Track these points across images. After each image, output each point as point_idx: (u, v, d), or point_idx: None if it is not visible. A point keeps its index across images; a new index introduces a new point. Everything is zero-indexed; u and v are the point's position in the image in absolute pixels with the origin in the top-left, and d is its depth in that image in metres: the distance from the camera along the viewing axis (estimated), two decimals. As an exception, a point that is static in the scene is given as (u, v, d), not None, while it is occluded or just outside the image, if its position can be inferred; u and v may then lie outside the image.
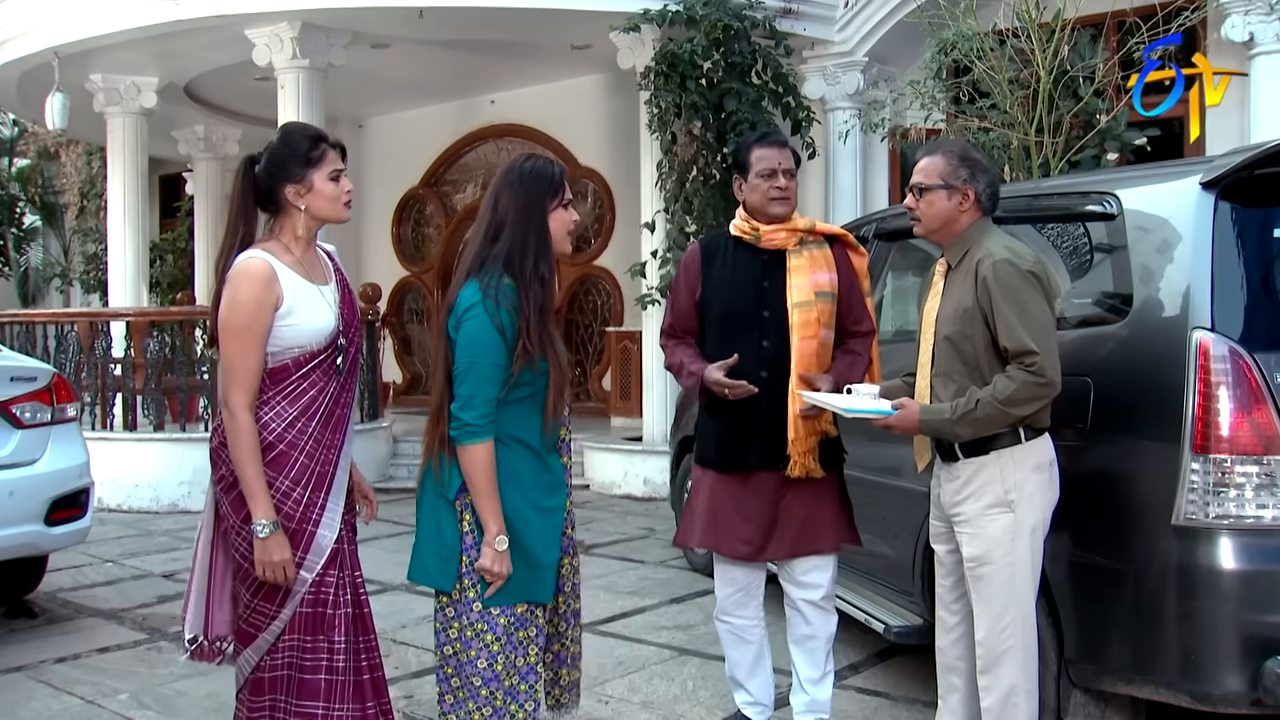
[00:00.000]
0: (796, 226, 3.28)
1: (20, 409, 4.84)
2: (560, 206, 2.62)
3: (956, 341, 2.84)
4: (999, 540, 2.79)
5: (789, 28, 8.40)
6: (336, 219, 2.69)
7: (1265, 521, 2.68)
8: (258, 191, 2.65)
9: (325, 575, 2.59)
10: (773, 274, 3.26)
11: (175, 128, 12.36)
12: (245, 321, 2.54)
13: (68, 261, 17.01)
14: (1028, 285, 2.74)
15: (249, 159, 2.68)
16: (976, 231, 2.89)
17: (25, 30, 9.54)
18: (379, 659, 2.68)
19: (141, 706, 3.95)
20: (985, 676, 2.84)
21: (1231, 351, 2.71)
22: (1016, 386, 2.70)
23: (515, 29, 9.07)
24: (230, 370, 2.54)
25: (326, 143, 2.65)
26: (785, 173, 3.27)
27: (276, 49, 8.78)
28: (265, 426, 2.56)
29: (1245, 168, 2.85)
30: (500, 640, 2.52)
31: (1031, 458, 2.81)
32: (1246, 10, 6.95)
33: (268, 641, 2.58)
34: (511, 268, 2.52)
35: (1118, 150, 6.37)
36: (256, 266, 2.56)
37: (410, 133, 12.63)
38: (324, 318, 2.62)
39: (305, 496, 2.57)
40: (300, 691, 2.57)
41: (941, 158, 2.90)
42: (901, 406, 2.85)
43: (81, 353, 8.75)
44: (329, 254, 2.79)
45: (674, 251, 8.14)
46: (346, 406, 2.69)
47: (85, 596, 5.60)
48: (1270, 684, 2.60)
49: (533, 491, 2.56)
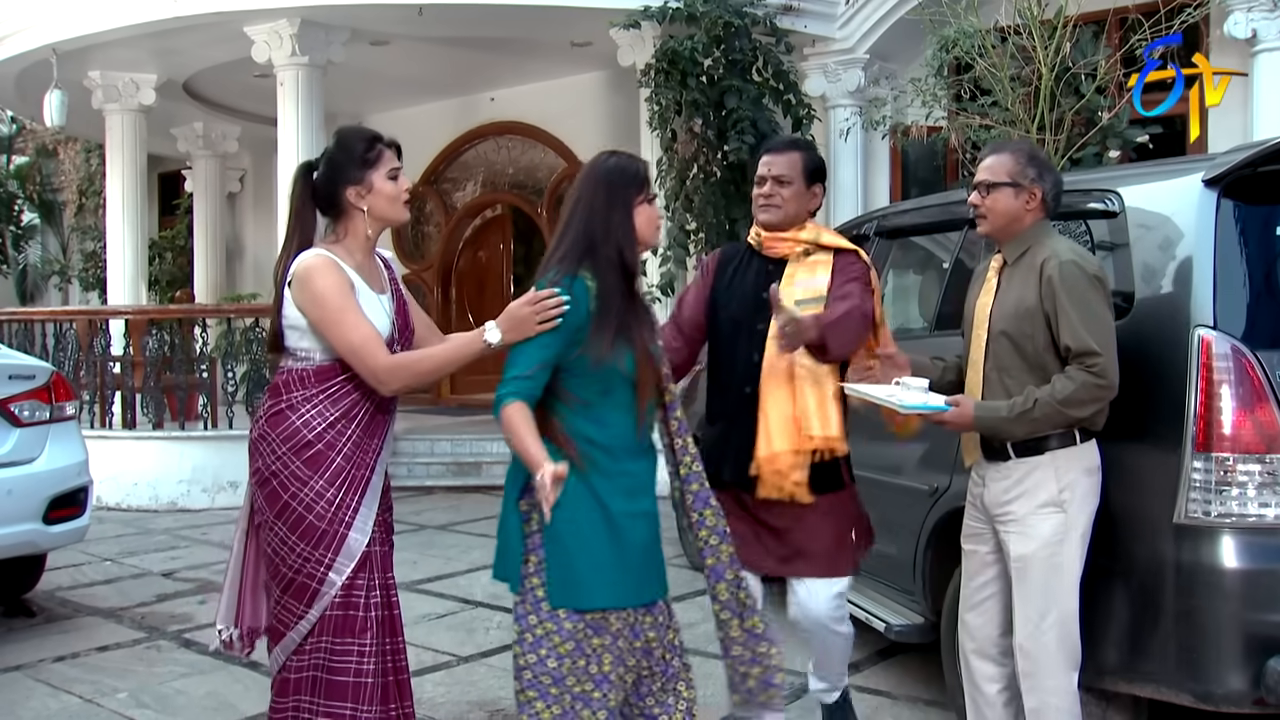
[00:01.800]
0: (799, 238, 3.13)
1: (19, 407, 4.83)
2: (645, 201, 2.57)
3: (1016, 339, 2.81)
4: (1048, 540, 2.76)
5: (790, 25, 8.39)
6: (397, 219, 2.71)
7: (1267, 520, 2.67)
8: (317, 197, 2.68)
9: (355, 579, 2.58)
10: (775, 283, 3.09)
11: (174, 125, 12.35)
12: (338, 302, 2.55)
13: (66, 259, 17.00)
14: (1093, 288, 2.73)
15: (306, 165, 2.71)
16: (1038, 231, 2.87)
17: (23, 27, 9.53)
18: (405, 661, 2.70)
19: (140, 705, 3.95)
20: (1028, 680, 2.80)
21: (1234, 349, 2.70)
22: (1076, 387, 2.68)
23: (515, 26, 9.06)
24: (353, 350, 2.54)
25: (382, 143, 2.67)
26: (774, 179, 3.13)
27: (275, 46, 8.77)
28: (307, 424, 2.58)
29: (1247, 165, 2.84)
30: (568, 643, 2.45)
31: (1084, 460, 2.79)
32: (1249, 7, 6.94)
33: (294, 641, 2.59)
34: (594, 256, 2.48)
35: (1120, 148, 6.37)
36: (321, 260, 2.59)
37: (410, 130, 12.54)
38: (380, 325, 2.62)
39: (339, 498, 2.58)
40: (329, 692, 2.57)
41: (1010, 156, 2.88)
42: (956, 404, 2.81)
43: (80, 351, 8.74)
44: (387, 262, 2.81)
45: (674, 249, 8.13)
46: (389, 413, 2.70)
47: (84, 595, 5.59)
48: (1272, 683, 2.59)
49: (607, 495, 2.48)
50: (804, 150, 3.21)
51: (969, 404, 2.82)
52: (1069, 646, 2.78)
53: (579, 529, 2.45)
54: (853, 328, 2.92)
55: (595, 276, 2.48)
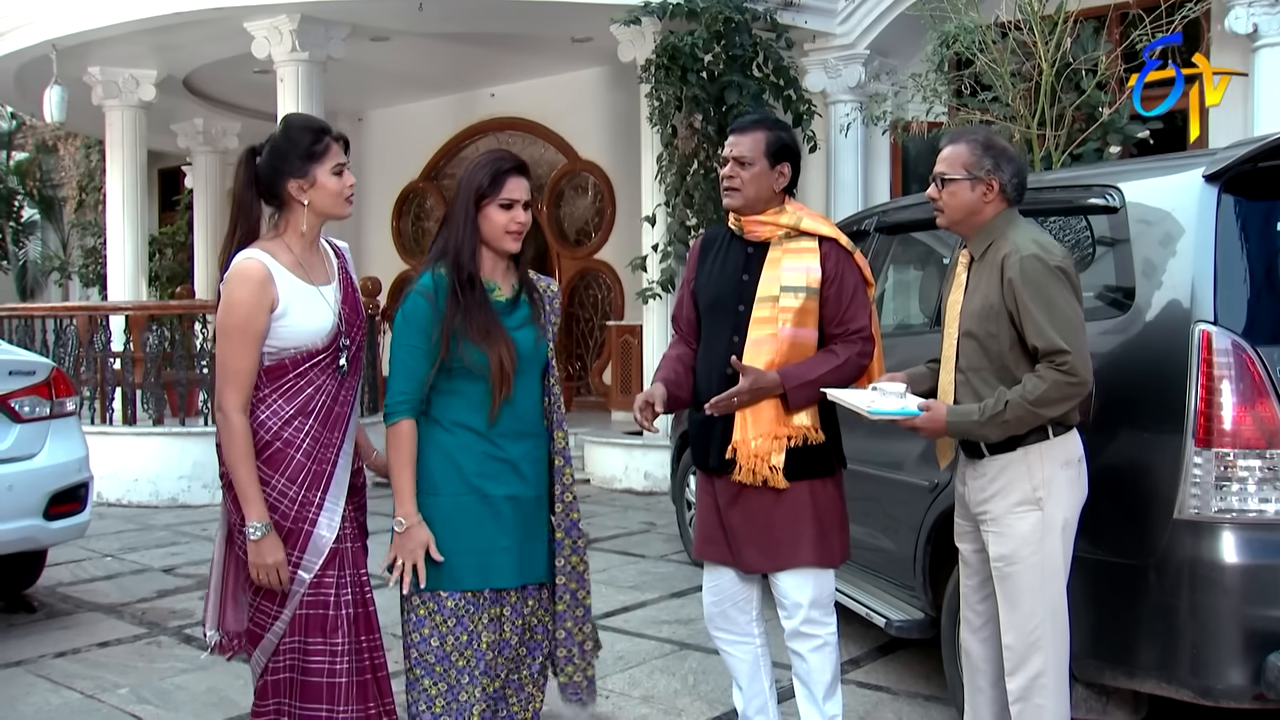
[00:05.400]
0: (778, 222, 3.01)
1: (19, 403, 4.83)
2: (495, 205, 2.63)
3: (981, 339, 2.74)
4: (1027, 539, 2.70)
5: (790, 20, 8.39)
6: (338, 215, 2.64)
7: (1268, 516, 2.67)
8: (259, 185, 2.60)
9: (324, 576, 2.55)
10: (754, 268, 3.02)
11: (174, 121, 12.35)
12: (239, 323, 2.50)
13: (66, 255, 17.01)
14: (1056, 281, 2.64)
15: (250, 150, 2.62)
16: (1002, 223, 2.78)
17: (23, 23, 9.52)
18: (383, 658, 2.67)
19: (141, 701, 3.95)
20: (1013, 679, 2.75)
21: (1234, 345, 2.70)
22: (1048, 386, 2.60)
23: (515, 22, 9.05)
24: (224, 371, 2.52)
25: (330, 135, 2.60)
26: (735, 160, 2.99)
27: (276, 42, 8.76)
28: (262, 425, 2.53)
29: (1248, 160, 2.84)
30: (449, 620, 2.60)
31: (1060, 454, 2.72)
32: (1250, 2, 6.93)
33: (272, 642, 2.57)
34: (446, 256, 2.64)
35: (1120, 143, 6.37)
36: (252, 268, 2.52)
37: (410, 126, 12.61)
38: (322, 319, 2.58)
39: (301, 495, 2.53)
40: (304, 694, 2.55)
41: (965, 146, 2.78)
42: (928, 409, 2.74)
43: (80, 347, 8.73)
44: (339, 250, 2.75)
45: (675, 245, 8.13)
46: (347, 405, 2.64)
47: (85, 591, 5.59)
48: (1272, 678, 2.59)
49: (476, 478, 2.61)
50: (768, 128, 3.03)
51: (941, 409, 2.74)
52: (1058, 644, 2.73)
53: (447, 513, 2.59)
54: (824, 385, 2.92)
55: (447, 274, 2.61)
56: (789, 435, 2.94)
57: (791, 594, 2.99)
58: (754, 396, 2.93)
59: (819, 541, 2.97)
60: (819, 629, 3.00)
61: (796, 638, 3.01)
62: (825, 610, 3.02)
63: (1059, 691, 2.73)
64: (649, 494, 8.32)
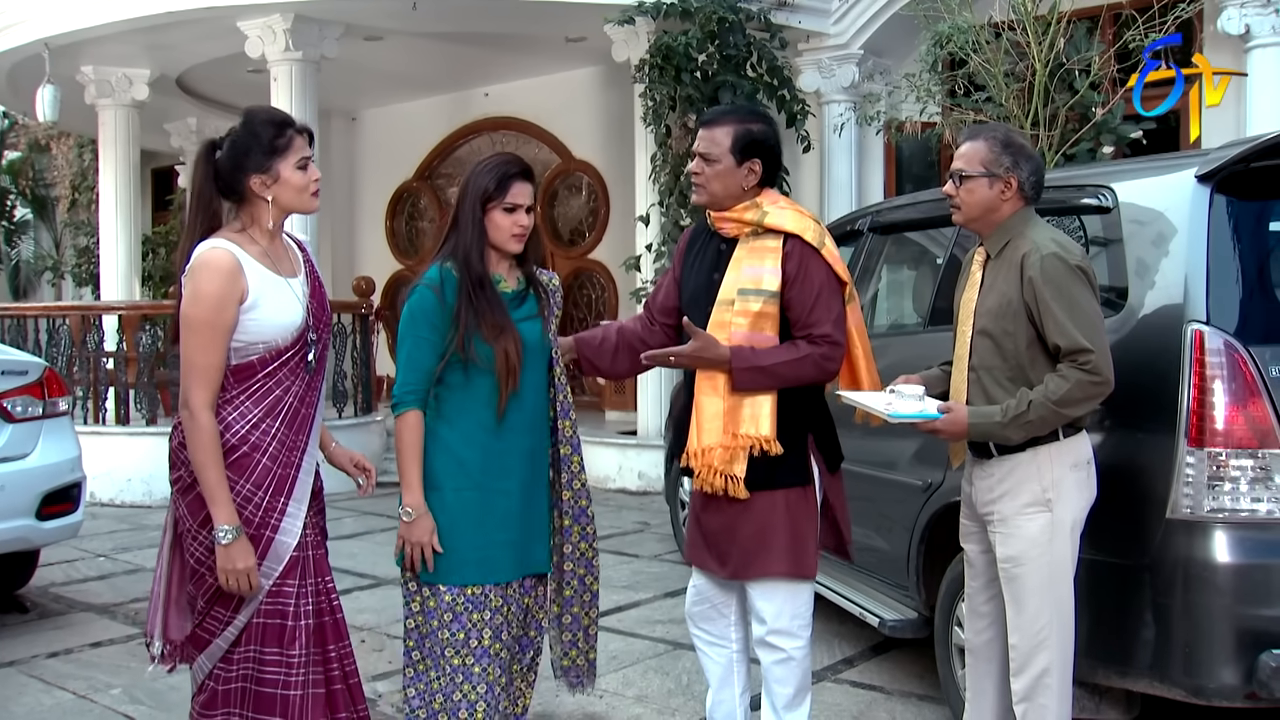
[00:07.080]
0: (744, 218, 2.86)
1: (11, 403, 4.81)
2: (499, 209, 2.67)
3: (997, 337, 2.72)
4: (1036, 540, 2.69)
5: (784, 20, 8.38)
6: (304, 209, 2.55)
7: (1260, 515, 2.68)
8: (219, 180, 2.48)
9: (284, 584, 2.47)
10: (724, 266, 2.90)
11: (167, 120, 12.31)
12: (207, 316, 2.39)
13: (59, 255, 16.96)
14: (1077, 281, 2.62)
15: (210, 145, 2.51)
16: (1019, 221, 2.76)
17: (15, 21, 9.49)
18: (353, 665, 2.60)
19: (134, 701, 3.94)
20: (1018, 679, 2.74)
21: (1227, 345, 2.70)
22: (1071, 386, 2.58)
23: (509, 21, 9.05)
24: (190, 367, 2.40)
25: (293, 128, 2.50)
26: (701, 157, 2.88)
27: (269, 41, 8.75)
28: (228, 427, 2.43)
29: (1241, 160, 2.85)
30: (446, 614, 2.61)
31: (1069, 455, 2.70)
32: (1242, 3, 6.94)
33: (221, 648, 2.49)
34: (454, 256, 2.67)
35: (1113, 144, 6.37)
36: (220, 257, 2.41)
37: (404, 125, 12.59)
38: (292, 312, 2.49)
39: (265, 501, 2.45)
40: (257, 705, 2.47)
41: (984, 143, 2.75)
42: (948, 410, 2.71)
43: (73, 346, 8.72)
44: (299, 244, 2.66)
45: (668, 245, 8.13)
46: (312, 406, 2.56)
47: (77, 591, 5.58)
48: (1264, 677, 2.60)
49: (478, 474, 2.62)
50: (737, 122, 2.88)
51: (962, 411, 2.70)
52: (1063, 645, 2.72)
53: (448, 508, 2.61)
54: (775, 375, 2.77)
55: (457, 274, 2.65)
56: (749, 445, 2.78)
57: (759, 604, 2.88)
58: (695, 363, 2.84)
59: (790, 553, 2.81)
60: (786, 642, 2.86)
61: (762, 647, 2.91)
62: (796, 623, 2.87)
63: (1063, 692, 2.73)
64: (643, 494, 8.32)
